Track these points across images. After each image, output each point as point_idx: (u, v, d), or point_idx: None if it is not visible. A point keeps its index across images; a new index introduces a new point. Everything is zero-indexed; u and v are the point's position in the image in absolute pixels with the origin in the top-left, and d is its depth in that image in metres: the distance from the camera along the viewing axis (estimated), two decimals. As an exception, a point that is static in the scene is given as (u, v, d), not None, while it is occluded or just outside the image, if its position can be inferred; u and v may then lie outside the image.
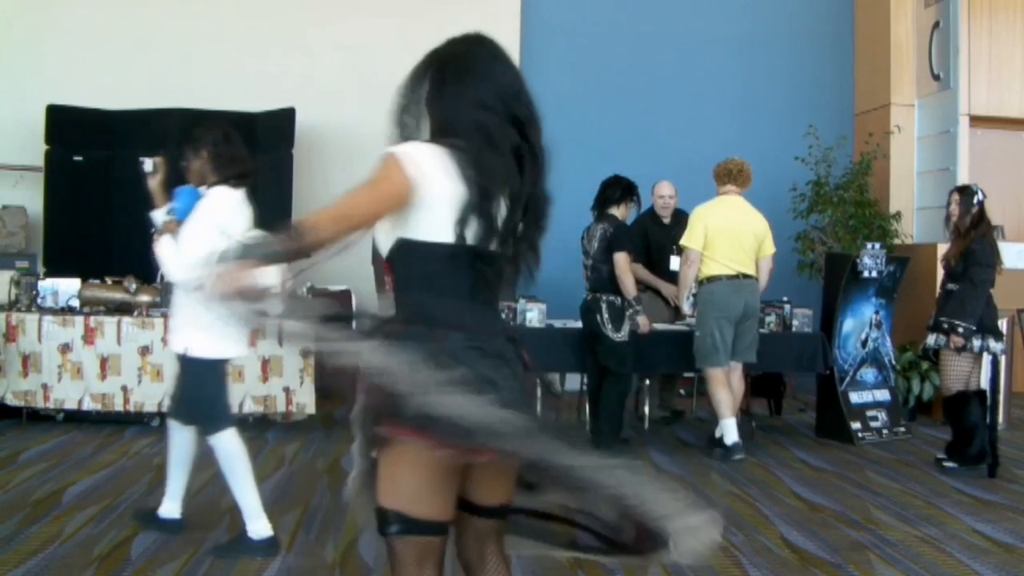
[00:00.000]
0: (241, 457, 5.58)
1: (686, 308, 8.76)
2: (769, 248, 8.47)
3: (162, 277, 9.58)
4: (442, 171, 2.82)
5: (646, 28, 12.53)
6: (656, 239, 9.71)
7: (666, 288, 9.41)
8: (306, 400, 8.92)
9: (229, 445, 5.57)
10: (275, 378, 8.91)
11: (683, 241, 8.47)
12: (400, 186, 2.80)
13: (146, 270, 9.86)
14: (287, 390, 8.91)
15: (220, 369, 5.56)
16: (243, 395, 8.85)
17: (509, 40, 11.95)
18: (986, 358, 7.97)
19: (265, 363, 8.89)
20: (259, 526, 5.49)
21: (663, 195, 9.75)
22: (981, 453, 7.77)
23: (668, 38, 12.56)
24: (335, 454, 8.01)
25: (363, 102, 11.59)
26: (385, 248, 2.91)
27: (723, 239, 8.26)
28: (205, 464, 7.47)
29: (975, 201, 7.87)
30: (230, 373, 5.77)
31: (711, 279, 8.30)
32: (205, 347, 5.41)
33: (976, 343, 7.72)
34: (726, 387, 8.27)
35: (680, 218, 9.40)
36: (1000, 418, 9.20)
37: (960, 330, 7.66)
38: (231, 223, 5.50)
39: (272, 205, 11.06)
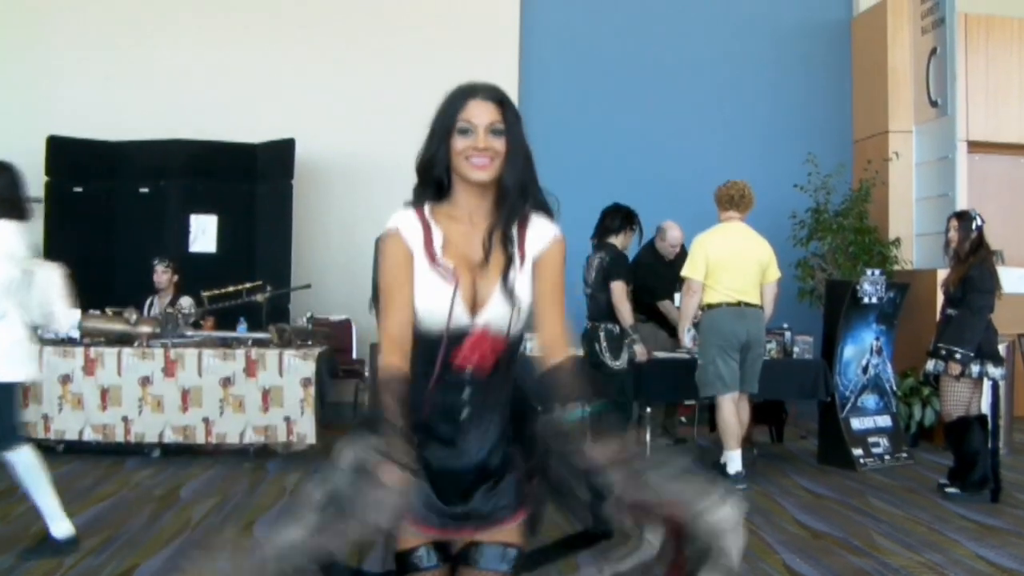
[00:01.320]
0: (38, 468, 5.89)
1: (687, 341, 8.72)
2: (774, 274, 8.44)
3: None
4: None
5: (644, 56, 12.58)
6: (657, 275, 9.59)
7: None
8: (307, 430, 8.90)
9: (26, 459, 5.87)
10: (275, 408, 8.90)
11: (684, 271, 8.42)
12: None
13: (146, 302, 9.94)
14: (288, 420, 8.90)
15: (12, 391, 5.87)
16: (244, 425, 8.87)
17: (507, 67, 12.06)
18: (986, 383, 7.96)
19: (266, 393, 8.89)
20: (61, 527, 5.87)
21: (674, 242, 9.65)
22: (983, 479, 7.75)
23: (666, 66, 12.60)
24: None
25: (363, 131, 11.69)
26: (518, 325, 2.85)
27: (725, 268, 8.23)
28: (205, 494, 7.50)
29: (974, 227, 7.87)
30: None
31: (712, 307, 8.28)
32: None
33: (975, 369, 7.71)
34: (734, 416, 8.22)
35: (682, 256, 9.29)
36: (1002, 443, 9.20)
37: (958, 356, 7.65)
38: (15, 250, 5.85)
39: (272, 235, 11.12)
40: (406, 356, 2.76)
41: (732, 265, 8.24)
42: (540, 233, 2.87)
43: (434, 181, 2.84)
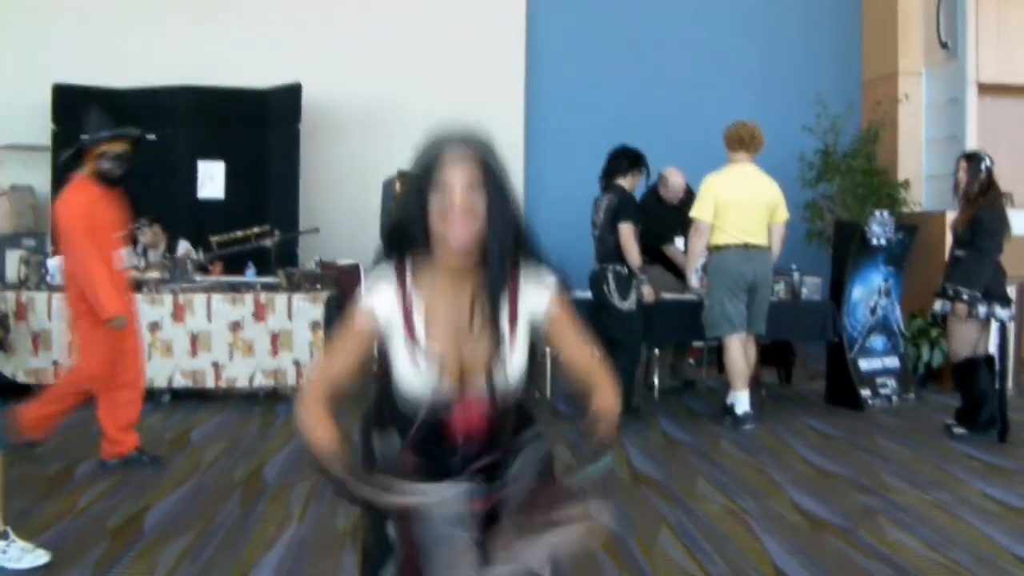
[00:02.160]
0: None
1: (694, 281, 8.70)
2: (782, 215, 8.42)
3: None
4: None
5: (650, 0, 12.49)
6: (661, 219, 9.56)
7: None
8: (316, 373, 8.92)
9: None
10: (285, 352, 8.95)
11: (693, 212, 8.40)
12: None
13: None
14: (297, 364, 8.95)
15: None
16: (253, 369, 8.92)
17: (515, 14, 11.99)
18: (994, 324, 7.96)
19: (275, 337, 8.93)
20: None
21: (676, 189, 9.60)
22: (991, 419, 7.77)
23: (672, 9, 12.51)
24: (346, 425, 8.00)
25: (369, 76, 11.65)
26: (508, 387, 2.72)
27: (733, 209, 8.21)
28: (215, 438, 7.55)
29: (983, 168, 7.82)
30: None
31: (720, 248, 8.27)
32: None
33: (982, 310, 7.69)
34: (741, 356, 8.25)
35: (687, 199, 9.24)
36: (1009, 384, 9.22)
37: (965, 297, 7.64)
38: None
39: (280, 180, 11.10)
40: (328, 402, 2.78)
41: (741, 206, 8.23)
42: (533, 289, 2.72)
43: (408, 241, 2.67)
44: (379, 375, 2.78)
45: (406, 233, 2.65)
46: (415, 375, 2.66)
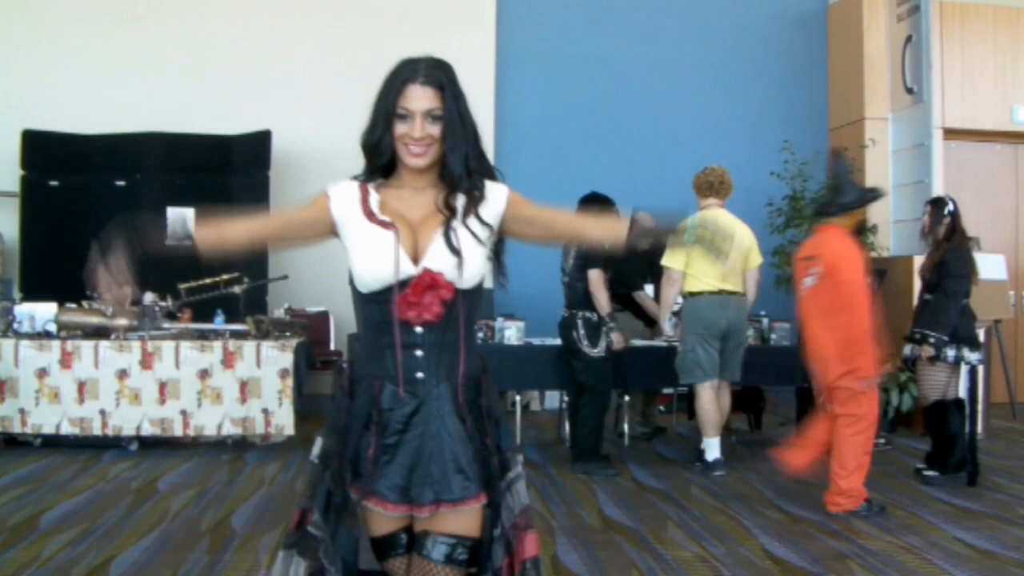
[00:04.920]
0: None
1: (668, 329, 8.71)
2: (756, 260, 8.43)
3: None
4: None
5: (620, 46, 12.58)
6: (631, 265, 9.54)
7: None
8: (285, 421, 8.89)
9: None
10: (254, 399, 8.88)
11: (665, 261, 8.37)
12: None
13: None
14: (266, 412, 8.88)
15: None
16: (222, 417, 8.85)
17: (485, 59, 12.06)
18: (964, 368, 7.99)
19: (243, 385, 8.87)
20: None
21: None
22: (961, 461, 7.78)
23: (642, 56, 12.61)
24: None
25: (339, 123, 11.50)
26: (472, 279, 2.90)
27: (705, 257, 8.19)
28: (183, 486, 7.49)
29: (946, 211, 7.88)
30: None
31: (694, 295, 8.27)
32: None
33: (950, 353, 7.72)
34: (713, 404, 8.21)
35: (657, 246, 9.21)
36: (980, 427, 9.25)
37: (931, 340, 7.68)
38: None
39: (249, 227, 11.05)
40: (223, 230, 3.07)
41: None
42: (493, 197, 2.93)
43: (381, 164, 2.89)
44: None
45: (373, 156, 2.89)
46: (372, 248, 2.81)
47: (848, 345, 6.74)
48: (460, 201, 2.85)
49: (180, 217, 2.91)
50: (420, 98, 2.80)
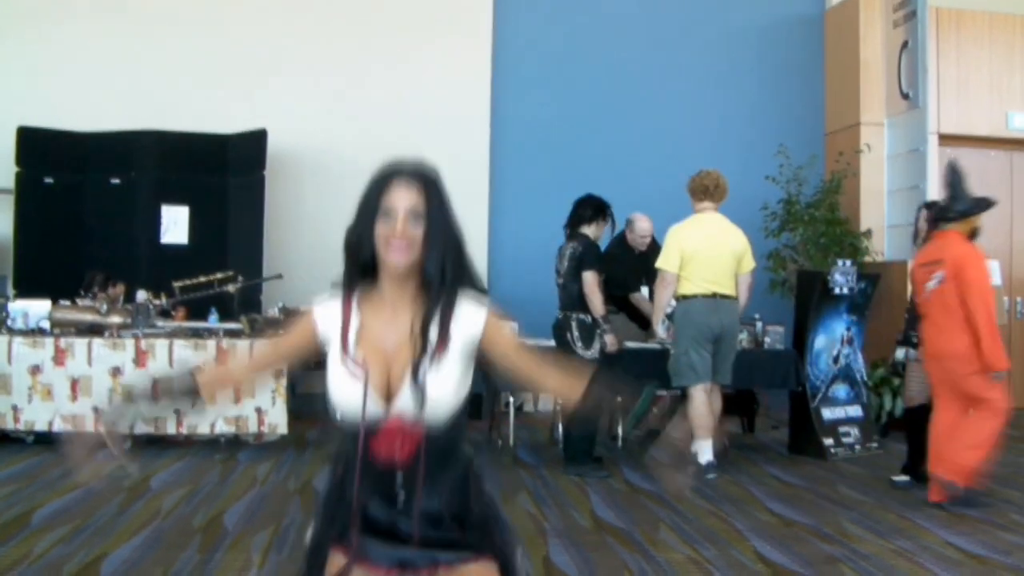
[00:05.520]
0: None
1: (660, 332, 8.71)
2: (749, 264, 8.44)
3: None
4: None
5: (616, 49, 12.60)
6: (627, 267, 9.57)
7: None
8: (278, 420, 8.89)
9: None
10: (247, 399, 8.87)
11: (659, 263, 8.39)
12: None
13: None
14: (259, 411, 8.88)
15: None
16: (215, 416, 8.84)
17: (480, 63, 12.07)
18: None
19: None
20: None
21: (644, 233, 9.63)
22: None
23: (639, 59, 12.63)
24: (307, 474, 7.98)
25: (334, 123, 11.68)
26: (446, 414, 2.79)
27: (700, 259, 8.19)
28: (175, 484, 7.48)
29: (942, 217, 7.88)
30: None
31: (687, 298, 8.26)
32: None
33: (944, 357, 7.73)
34: (705, 406, 8.21)
35: (653, 248, 9.27)
36: (972, 433, 9.27)
37: (927, 343, 7.68)
38: None
39: (244, 226, 11.09)
40: (225, 381, 3.00)
41: (707, 256, 8.23)
42: (469, 317, 2.82)
43: (361, 264, 2.80)
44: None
45: (355, 257, 2.79)
46: (344, 387, 2.75)
47: (978, 341, 7.04)
48: (434, 326, 2.76)
49: (184, 372, 2.88)
50: (403, 196, 2.73)
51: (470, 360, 2.83)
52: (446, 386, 2.75)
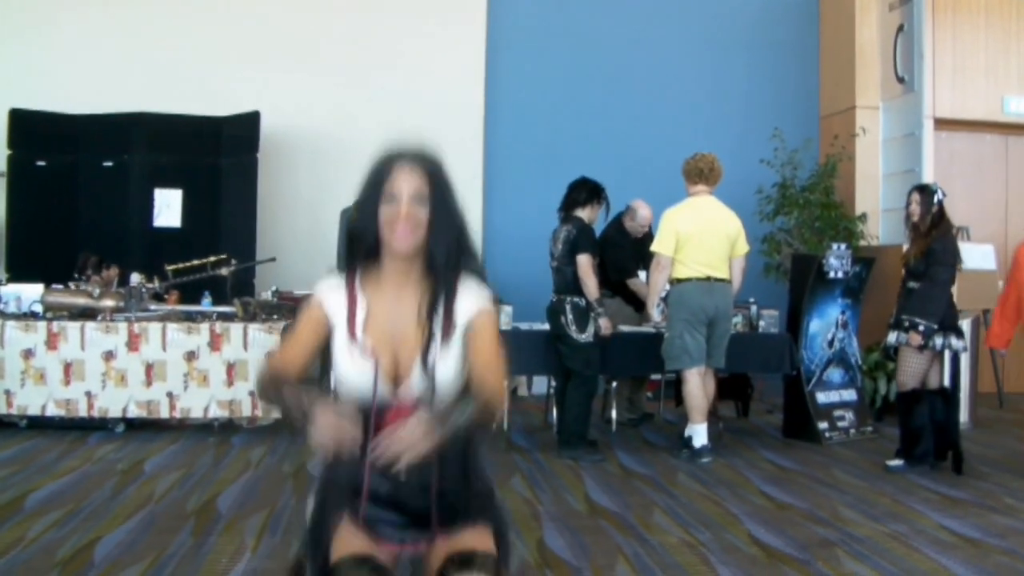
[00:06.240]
0: None
1: (655, 315, 8.70)
2: (743, 248, 8.42)
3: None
4: None
5: (612, 31, 12.57)
6: (624, 252, 9.54)
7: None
8: (272, 404, 8.85)
9: None
10: (240, 382, 8.87)
11: (654, 247, 8.36)
12: None
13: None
14: (252, 394, 8.85)
15: None
16: (208, 399, 8.83)
17: (474, 46, 12.03)
18: (947, 356, 7.99)
19: (230, 367, 8.85)
20: None
21: (644, 222, 9.59)
22: (925, 453, 7.80)
23: (634, 42, 12.60)
24: (301, 457, 7.96)
25: (327, 105, 11.64)
26: (452, 392, 2.84)
27: (694, 243, 8.17)
28: (169, 468, 7.47)
29: (935, 200, 7.86)
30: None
31: (681, 281, 8.25)
32: None
33: (938, 341, 7.71)
34: (700, 390, 8.21)
35: (650, 233, 9.24)
36: (966, 416, 9.28)
37: (921, 328, 7.65)
38: None
39: (237, 209, 11.06)
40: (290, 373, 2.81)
41: (701, 239, 8.21)
42: (469, 304, 2.86)
43: (365, 248, 2.84)
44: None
45: (358, 241, 2.83)
46: (353, 372, 2.79)
47: None
48: (440, 311, 2.82)
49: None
50: (408, 180, 2.76)
51: (462, 346, 2.86)
52: (453, 369, 2.82)
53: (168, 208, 11.20)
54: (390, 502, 2.80)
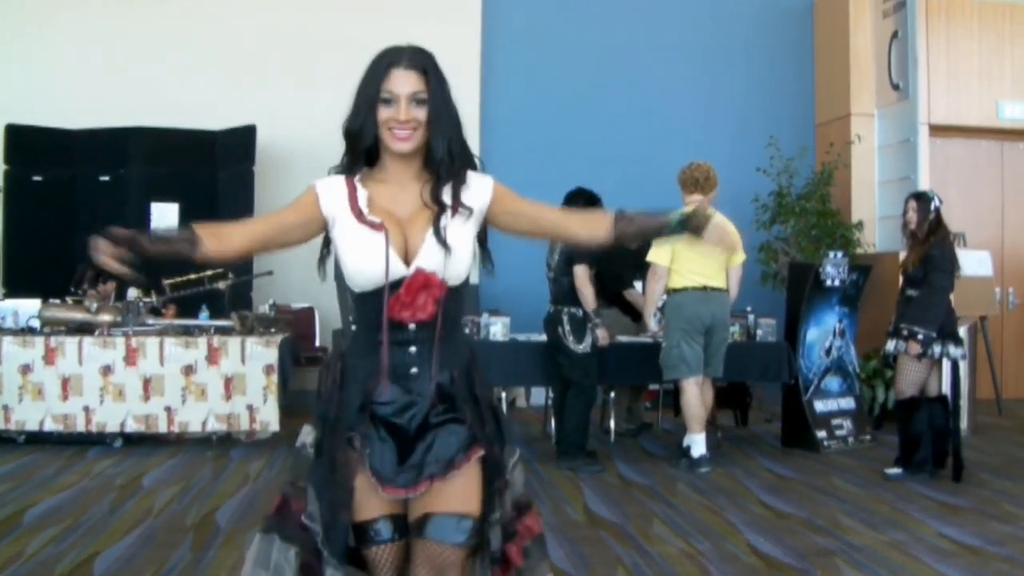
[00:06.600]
0: None
1: (652, 325, 8.69)
2: (739, 257, 8.40)
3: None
4: None
5: (607, 40, 12.56)
6: (622, 262, 9.50)
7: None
8: (270, 418, 8.87)
9: None
10: (238, 396, 8.86)
11: (650, 256, 8.35)
12: None
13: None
14: (251, 408, 8.86)
15: None
16: (206, 413, 8.83)
17: (470, 53, 12.03)
18: (946, 364, 7.99)
19: (228, 381, 8.84)
20: None
21: None
22: (924, 460, 7.80)
23: (629, 49, 12.59)
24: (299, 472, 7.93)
25: (323, 118, 11.50)
26: (463, 275, 2.92)
27: (690, 252, 8.14)
28: (167, 482, 7.46)
29: (932, 207, 7.87)
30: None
31: (678, 291, 8.25)
32: None
33: (936, 349, 7.71)
34: (698, 399, 8.20)
35: (646, 243, 9.24)
36: (965, 423, 9.27)
37: (920, 336, 7.66)
38: None
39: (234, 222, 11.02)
40: (222, 238, 2.92)
41: (697, 249, 8.18)
42: (478, 187, 2.93)
43: (363, 151, 2.89)
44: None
45: (356, 144, 2.88)
46: (362, 252, 2.82)
47: None
48: (446, 194, 2.85)
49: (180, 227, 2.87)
50: (405, 82, 2.80)
51: (475, 234, 2.94)
52: (465, 243, 2.87)
53: (165, 221, 11.17)
54: (395, 424, 2.85)
